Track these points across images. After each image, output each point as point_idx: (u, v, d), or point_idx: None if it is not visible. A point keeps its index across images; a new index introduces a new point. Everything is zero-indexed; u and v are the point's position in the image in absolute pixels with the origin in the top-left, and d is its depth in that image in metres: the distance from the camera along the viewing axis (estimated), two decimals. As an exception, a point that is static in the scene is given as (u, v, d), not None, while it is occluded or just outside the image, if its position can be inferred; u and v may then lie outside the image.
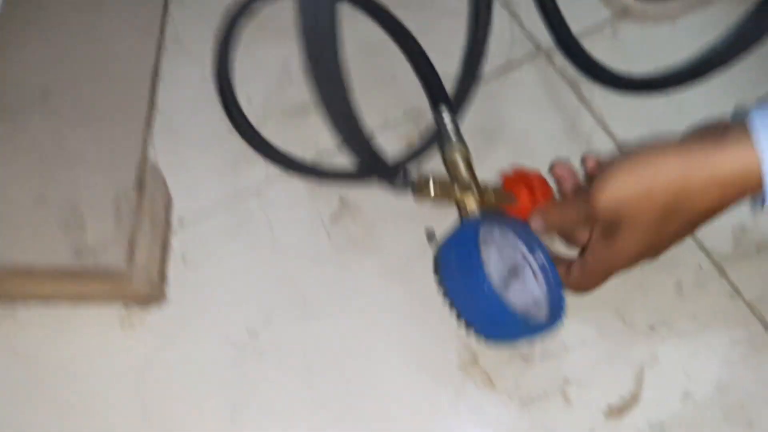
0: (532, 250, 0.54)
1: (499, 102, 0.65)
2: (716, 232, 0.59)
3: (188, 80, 0.64)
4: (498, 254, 0.53)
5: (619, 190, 0.46)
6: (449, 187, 0.55)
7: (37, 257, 0.48)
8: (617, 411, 0.53)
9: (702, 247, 0.59)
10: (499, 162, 0.61)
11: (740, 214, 0.59)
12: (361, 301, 0.56)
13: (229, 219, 0.59)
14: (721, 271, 0.58)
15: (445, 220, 0.59)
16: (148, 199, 0.53)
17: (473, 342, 0.55)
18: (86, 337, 0.54)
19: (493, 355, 0.55)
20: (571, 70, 0.66)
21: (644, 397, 0.53)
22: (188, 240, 0.58)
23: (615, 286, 0.57)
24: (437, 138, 0.60)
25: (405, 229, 0.59)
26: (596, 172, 0.51)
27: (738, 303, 0.57)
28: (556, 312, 0.52)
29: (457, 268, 0.51)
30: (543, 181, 0.57)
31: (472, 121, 0.63)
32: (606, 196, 0.46)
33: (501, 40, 0.67)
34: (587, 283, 0.52)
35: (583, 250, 0.53)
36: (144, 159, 0.54)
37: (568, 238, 0.56)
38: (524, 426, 0.52)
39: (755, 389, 0.54)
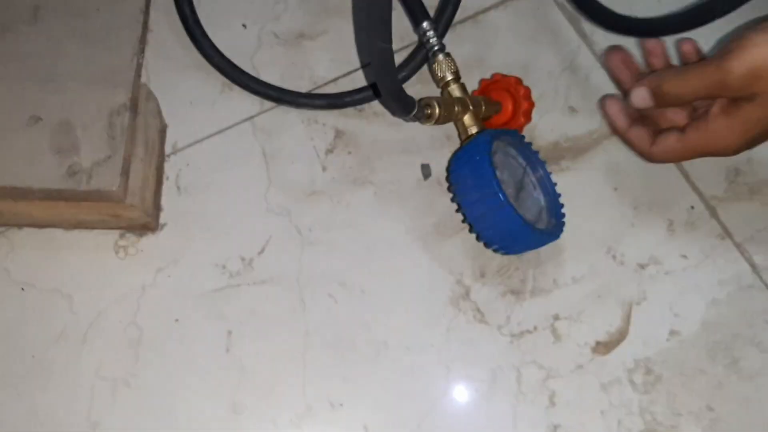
0: (531, 162, 0.56)
1: (496, 33, 0.64)
2: (710, 173, 0.60)
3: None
4: (504, 168, 0.54)
5: (761, 58, 0.42)
6: (450, 107, 0.55)
7: (30, 180, 0.47)
8: (604, 346, 0.54)
9: (695, 188, 0.59)
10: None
11: (735, 156, 0.59)
12: (354, 233, 0.57)
13: (224, 146, 0.59)
14: (713, 212, 0.58)
15: (439, 151, 0.59)
16: (142, 122, 0.53)
17: (465, 276, 0.56)
18: (81, 263, 0.54)
19: (485, 291, 0.55)
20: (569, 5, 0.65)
21: (631, 334, 0.54)
22: (182, 166, 0.58)
23: (607, 223, 0.57)
24: (424, 58, 0.59)
25: (400, 161, 0.59)
26: (694, 57, 0.49)
27: (727, 244, 0.57)
28: (558, 222, 0.55)
29: (473, 184, 0.52)
30: (523, 86, 0.58)
31: (468, 52, 0.62)
32: (745, 63, 0.43)
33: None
34: (677, 154, 0.51)
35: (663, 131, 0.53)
36: (137, 80, 0.52)
37: (660, 117, 0.54)
38: (514, 360, 0.53)
39: (740, 328, 0.55)
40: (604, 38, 0.63)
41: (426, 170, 0.59)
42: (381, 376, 0.53)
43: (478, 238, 0.55)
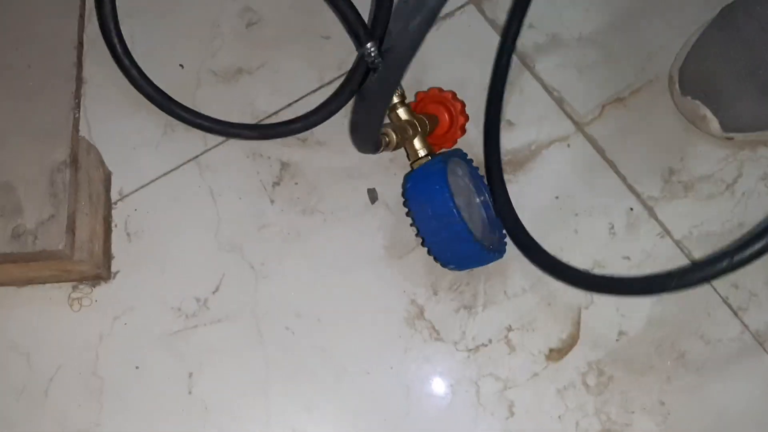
0: (474, 180, 0.58)
1: (430, 52, 0.65)
2: (645, 174, 0.62)
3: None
4: (456, 190, 0.55)
5: None
6: (402, 131, 0.56)
7: (-26, 246, 0.47)
8: (558, 352, 0.56)
9: (632, 190, 0.61)
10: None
11: (669, 155, 0.62)
12: (307, 262, 0.58)
13: (171, 188, 0.59)
14: (651, 212, 0.61)
15: (383, 174, 0.60)
16: (85, 176, 0.53)
17: (418, 296, 0.57)
18: (36, 319, 0.54)
19: (439, 308, 0.57)
20: (502, 19, 0.66)
21: (582, 338, 0.56)
22: (130, 212, 0.58)
23: (551, 231, 0.59)
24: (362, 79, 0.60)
25: (346, 187, 0.60)
26: None
27: (667, 242, 0.60)
28: (501, 237, 0.58)
29: (432, 213, 0.53)
30: (459, 100, 0.60)
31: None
32: None
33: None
34: None
35: None
36: (75, 134, 0.53)
37: None
38: (471, 374, 0.55)
39: (684, 323, 0.57)
40: (536, 51, 0.65)
41: (372, 194, 0.60)
42: (343, 401, 0.54)
43: (435, 259, 0.57)
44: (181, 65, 0.63)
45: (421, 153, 0.57)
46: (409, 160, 0.59)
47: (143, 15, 0.63)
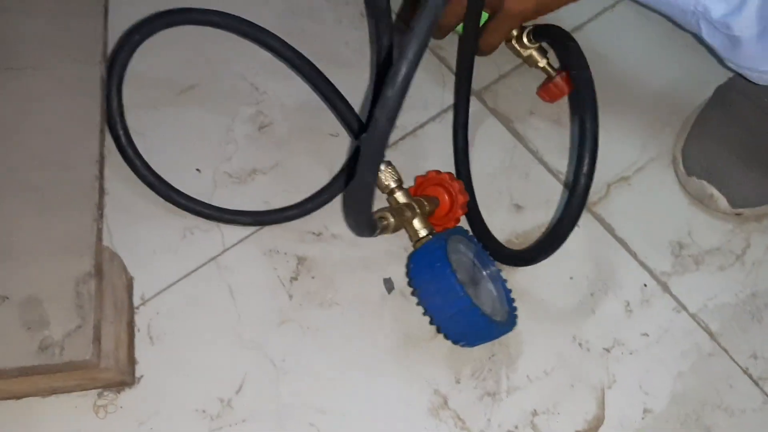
0: (478, 256, 0.59)
1: (434, 143, 0.67)
2: (655, 250, 0.63)
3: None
4: (459, 266, 0.56)
5: None
6: (400, 213, 0.58)
7: (3, 360, 0.48)
8: (584, 435, 0.56)
9: (644, 266, 0.62)
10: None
11: (676, 230, 0.63)
12: (327, 356, 0.58)
13: (191, 289, 0.60)
14: (665, 287, 0.61)
15: (398, 264, 0.61)
16: (109, 284, 0.54)
17: (441, 384, 0.57)
18: (62, 428, 0.54)
19: (463, 396, 0.57)
20: (503, 107, 0.69)
21: (608, 419, 0.56)
22: (152, 316, 0.59)
23: (568, 313, 0.60)
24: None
25: (362, 278, 0.61)
26: None
27: (683, 316, 0.60)
28: (512, 310, 0.58)
29: (436, 290, 0.55)
30: (456, 180, 0.62)
31: (409, 162, 0.66)
32: None
33: (434, 86, 0.70)
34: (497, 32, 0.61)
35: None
36: (99, 244, 0.54)
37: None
38: (499, 462, 0.55)
39: (707, 396, 0.57)
40: (537, 136, 0.67)
41: (389, 284, 0.61)
42: (372, 499, 0.54)
43: (446, 337, 0.57)
44: (197, 169, 0.65)
45: (422, 233, 0.59)
46: (411, 241, 0.60)
47: (160, 124, 0.66)
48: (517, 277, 0.61)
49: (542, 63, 0.68)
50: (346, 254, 0.62)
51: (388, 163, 0.61)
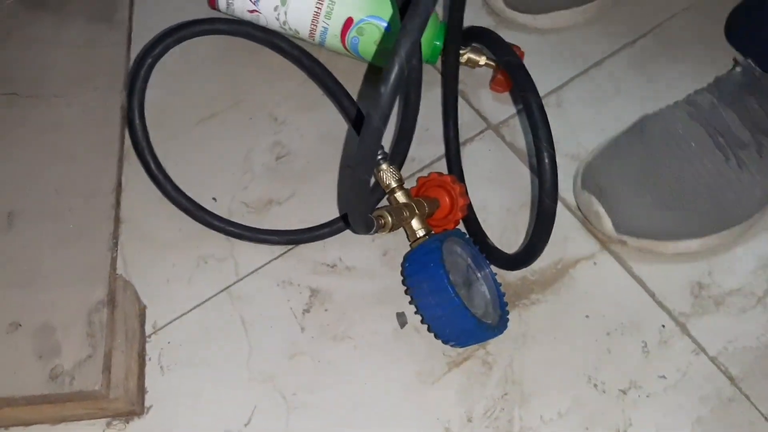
0: (474, 258, 0.60)
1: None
2: (674, 290, 0.62)
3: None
4: (453, 268, 0.57)
5: None
6: (399, 213, 0.59)
7: (13, 389, 0.48)
8: (599, 480, 0.54)
9: (663, 307, 0.61)
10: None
11: (696, 270, 0.62)
12: (339, 391, 0.57)
13: (203, 319, 0.60)
14: (684, 329, 0.60)
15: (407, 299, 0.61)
16: (121, 314, 0.54)
17: (452, 423, 0.56)
18: (68, 458, 0.54)
19: (474, 435, 0.56)
20: (520, 142, 0.69)
21: (623, 464, 0.55)
22: (164, 345, 0.59)
23: (584, 352, 0.59)
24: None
25: (376, 312, 0.61)
26: None
27: (702, 359, 0.59)
28: (503, 314, 0.59)
29: (429, 289, 0.56)
30: (459, 183, 0.62)
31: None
32: None
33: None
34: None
35: None
36: (113, 272, 0.54)
37: None
38: (510, 505, 0.53)
39: (728, 445, 0.55)
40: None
41: (402, 318, 0.61)
42: None
43: (436, 336, 0.58)
44: (214, 198, 0.65)
45: (420, 233, 0.60)
46: (409, 241, 0.61)
47: (176, 155, 0.66)
48: (532, 314, 0.60)
49: (482, 61, 0.70)
50: (360, 287, 0.62)
51: (390, 163, 0.61)
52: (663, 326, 0.60)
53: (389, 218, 0.57)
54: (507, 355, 0.59)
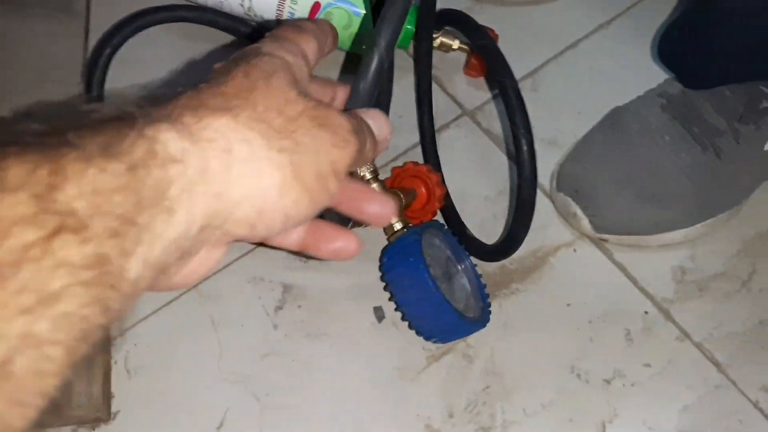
0: (453, 250, 0.58)
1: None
2: (656, 276, 0.60)
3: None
4: (433, 261, 0.55)
5: None
6: None
7: (-34, 399, 0.45)
8: (585, 473, 0.53)
9: (645, 293, 0.59)
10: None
11: (678, 255, 0.60)
12: (315, 391, 0.55)
13: (171, 319, 0.57)
14: (667, 315, 0.59)
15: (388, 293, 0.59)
16: (82, 316, 0.51)
17: (433, 419, 0.54)
18: (30, 469, 0.51)
19: (456, 429, 0.54)
20: (497, 128, 0.67)
21: (609, 456, 0.53)
22: (130, 348, 0.56)
23: (566, 340, 0.57)
24: None
25: (351, 307, 0.59)
26: None
27: (687, 345, 0.57)
28: (485, 306, 0.57)
29: (409, 284, 0.54)
30: (435, 173, 0.59)
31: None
32: None
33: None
34: None
35: None
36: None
37: None
38: (494, 502, 0.52)
39: (716, 432, 0.54)
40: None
41: (379, 312, 0.59)
42: None
43: (417, 333, 0.56)
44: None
45: (397, 226, 0.57)
46: (386, 235, 0.58)
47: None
48: (512, 304, 0.58)
49: (455, 44, 0.68)
50: (335, 282, 0.60)
51: None
52: (646, 313, 0.59)
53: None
54: (488, 347, 0.57)
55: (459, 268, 0.58)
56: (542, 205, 0.63)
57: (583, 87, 0.69)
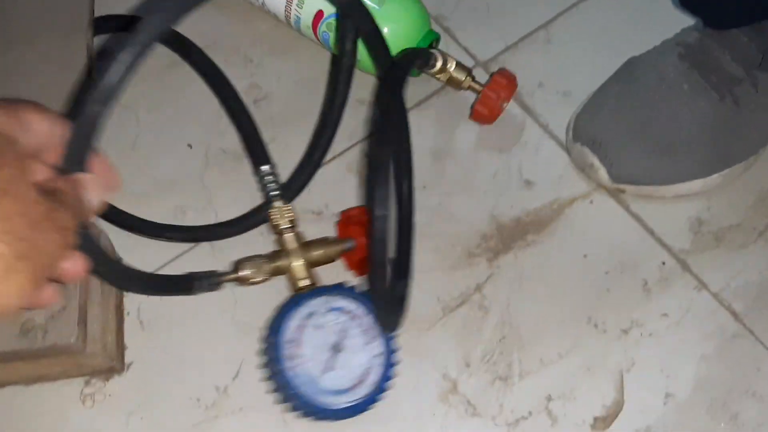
0: (367, 321, 0.52)
1: (448, 118, 0.64)
2: (673, 227, 0.60)
3: (121, 133, 0.61)
4: (318, 333, 0.51)
5: None
6: (266, 264, 0.53)
7: (-18, 344, 0.44)
8: (603, 421, 0.53)
9: (662, 244, 0.59)
10: (449, 184, 0.61)
11: (694, 206, 0.60)
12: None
13: (183, 271, 0.56)
14: (684, 266, 0.58)
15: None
16: (95, 265, 0.50)
17: (450, 369, 0.54)
18: (47, 419, 0.51)
19: (473, 381, 0.54)
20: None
21: (627, 404, 0.53)
22: (142, 299, 0.55)
23: (584, 292, 0.57)
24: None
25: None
26: None
27: (705, 295, 0.57)
28: (376, 392, 0.51)
29: (273, 357, 0.50)
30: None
31: (427, 139, 0.63)
32: None
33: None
34: None
35: None
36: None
37: None
38: (513, 450, 0.51)
39: (733, 381, 0.54)
40: (547, 110, 0.64)
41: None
42: (379, 490, 0.50)
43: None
44: (189, 145, 0.61)
45: (301, 283, 0.53)
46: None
47: (149, 98, 0.63)
48: (528, 256, 0.58)
49: (467, 83, 0.62)
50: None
51: (285, 201, 0.55)
52: (663, 263, 0.58)
53: (248, 271, 0.52)
54: (503, 299, 0.57)
55: (362, 342, 0.51)
56: (558, 157, 0.62)
57: (597, 38, 0.68)
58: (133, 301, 0.55)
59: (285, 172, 0.59)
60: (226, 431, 0.51)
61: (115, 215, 0.56)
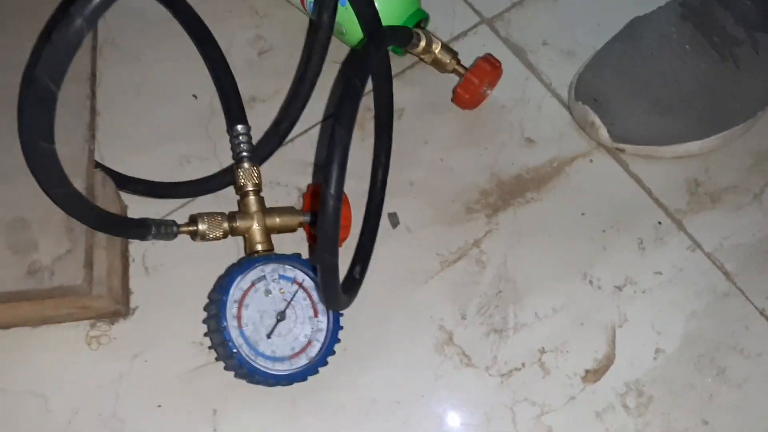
0: (310, 287, 0.53)
1: (447, 79, 0.64)
2: (670, 187, 0.60)
3: (126, 79, 0.61)
4: (262, 299, 0.52)
5: None
6: (224, 222, 0.53)
7: (-11, 284, 0.45)
8: (593, 374, 0.54)
9: (659, 203, 0.60)
10: (450, 139, 0.61)
11: (692, 167, 0.61)
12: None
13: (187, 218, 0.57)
14: (680, 225, 0.59)
15: (405, 198, 0.58)
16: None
17: (446, 321, 0.55)
18: (53, 360, 0.52)
19: (468, 333, 0.55)
20: (515, 37, 0.66)
21: (618, 358, 0.54)
22: (147, 246, 0.56)
23: (580, 249, 0.58)
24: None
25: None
26: None
27: (698, 255, 0.58)
28: (315, 364, 0.51)
29: (214, 314, 0.51)
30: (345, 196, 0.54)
31: (429, 94, 0.63)
32: None
33: (444, 14, 0.66)
34: None
35: None
36: (91, 167, 0.51)
37: None
38: (506, 400, 0.53)
39: (721, 338, 0.55)
40: (551, 67, 0.64)
41: (394, 218, 0.59)
42: (374, 433, 0.52)
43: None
44: (194, 95, 0.62)
45: (256, 248, 0.53)
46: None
47: (155, 46, 0.63)
48: (528, 213, 0.59)
49: (451, 66, 0.61)
50: (349, 187, 0.59)
51: (253, 163, 0.55)
52: (659, 223, 0.59)
53: (199, 226, 0.52)
54: (501, 254, 0.58)
55: (304, 314, 0.52)
56: (560, 115, 0.63)
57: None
58: (138, 248, 0.56)
59: (300, 124, 0.60)
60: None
61: None
